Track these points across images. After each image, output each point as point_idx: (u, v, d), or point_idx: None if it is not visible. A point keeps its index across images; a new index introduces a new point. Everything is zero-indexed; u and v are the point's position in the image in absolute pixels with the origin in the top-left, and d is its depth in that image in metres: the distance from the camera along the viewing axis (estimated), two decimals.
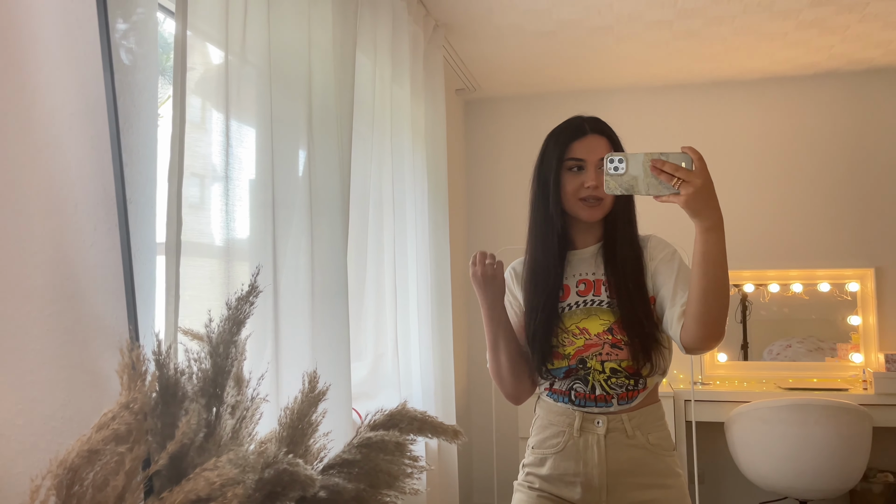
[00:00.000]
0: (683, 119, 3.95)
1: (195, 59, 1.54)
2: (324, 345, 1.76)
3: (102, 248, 0.89)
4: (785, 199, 3.82)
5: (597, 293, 1.52)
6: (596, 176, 1.47)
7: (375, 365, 2.42)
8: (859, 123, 3.76)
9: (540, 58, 3.50)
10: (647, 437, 1.49)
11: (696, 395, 3.38)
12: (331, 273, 1.83)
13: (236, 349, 1.03)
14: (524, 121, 4.14)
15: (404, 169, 2.63)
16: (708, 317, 1.34)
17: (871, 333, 3.68)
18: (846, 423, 3.01)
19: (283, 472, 0.85)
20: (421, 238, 2.74)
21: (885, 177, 3.72)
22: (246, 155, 1.62)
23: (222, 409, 1.00)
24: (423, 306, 2.71)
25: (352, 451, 1.00)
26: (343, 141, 1.92)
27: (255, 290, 1.04)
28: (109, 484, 0.73)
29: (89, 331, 0.90)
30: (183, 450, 0.83)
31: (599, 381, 1.48)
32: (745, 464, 3.20)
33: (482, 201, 4.19)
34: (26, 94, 0.85)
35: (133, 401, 0.75)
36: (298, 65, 1.75)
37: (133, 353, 0.78)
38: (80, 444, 0.72)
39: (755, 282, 3.83)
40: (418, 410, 1.10)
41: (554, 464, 1.52)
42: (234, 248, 1.53)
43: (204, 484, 0.74)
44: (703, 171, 1.23)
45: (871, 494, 3.38)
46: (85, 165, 0.86)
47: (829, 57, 3.52)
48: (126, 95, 0.92)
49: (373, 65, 2.37)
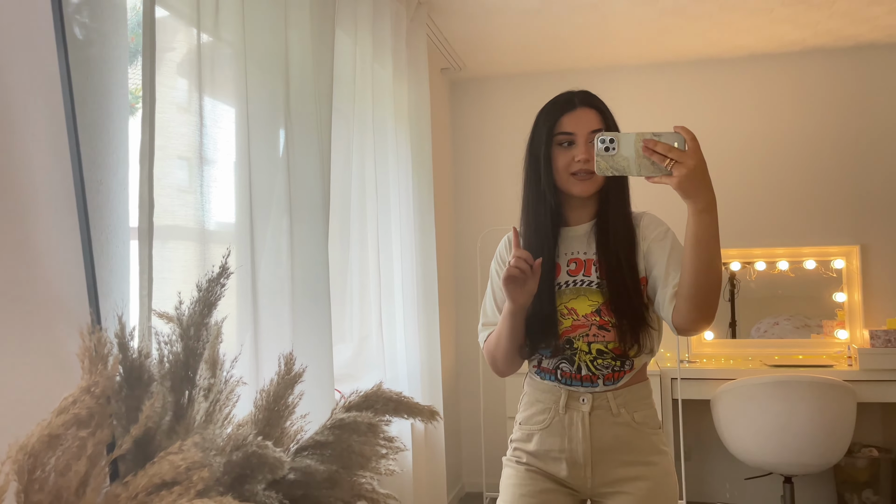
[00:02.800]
0: (671, 98, 3.93)
1: (177, 40, 1.51)
2: (305, 327, 1.75)
3: (63, 230, 0.87)
4: (771, 177, 3.81)
5: (587, 273, 1.50)
6: (586, 149, 1.45)
7: (360, 346, 2.42)
8: (845, 101, 3.75)
9: (526, 36, 3.47)
10: (633, 416, 1.49)
11: (682, 373, 3.39)
12: (312, 255, 1.81)
13: (208, 331, 1.01)
14: (511, 101, 4.11)
15: (387, 149, 2.61)
16: (699, 298, 1.33)
17: (856, 310, 3.70)
18: (831, 399, 3.04)
19: (251, 455, 0.84)
20: (406, 219, 2.72)
21: (870, 154, 3.71)
22: (223, 136, 1.60)
23: (195, 392, 0.99)
24: (409, 288, 2.70)
25: (324, 432, 0.99)
26: (322, 121, 1.90)
27: (226, 271, 1.02)
28: (72, 469, 0.72)
29: (52, 314, 0.89)
30: (149, 434, 0.82)
31: (585, 361, 1.48)
32: (730, 440, 3.22)
33: (468, 182, 4.17)
34: None
35: (94, 384, 0.73)
36: (274, 42, 1.72)
37: (94, 337, 0.76)
38: (40, 428, 0.71)
39: (742, 260, 3.84)
40: (394, 391, 1.10)
41: (540, 440, 1.53)
42: (212, 231, 1.52)
43: (168, 467, 0.73)
44: (697, 151, 1.21)
45: (856, 469, 3.42)
46: (41, 145, 0.84)
47: (816, 33, 3.50)
48: (85, 71, 0.90)
49: (353, 43, 2.34)
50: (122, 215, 1.17)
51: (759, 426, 3.10)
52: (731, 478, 3.76)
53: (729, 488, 3.78)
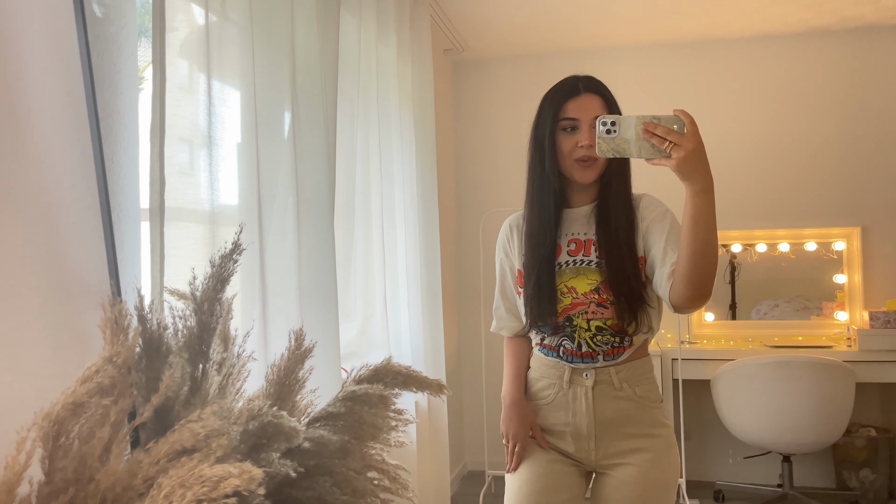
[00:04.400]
0: (673, 78, 3.93)
1: (179, 20, 1.52)
2: (312, 304, 1.78)
3: (83, 206, 0.89)
4: (772, 159, 3.82)
5: (586, 253, 1.54)
6: (590, 135, 1.47)
7: (365, 326, 2.44)
8: (848, 82, 3.75)
9: (529, 17, 3.46)
10: (635, 390, 1.53)
11: (683, 353, 3.42)
12: (317, 235, 1.83)
13: (221, 307, 1.03)
14: (513, 82, 4.11)
15: (391, 130, 2.62)
16: (696, 277, 1.36)
17: (856, 292, 3.72)
18: (829, 379, 3.07)
19: (267, 424, 0.87)
20: (410, 200, 2.74)
21: (872, 136, 3.72)
22: (230, 116, 1.61)
23: (208, 365, 1.01)
24: (413, 267, 2.72)
25: (336, 404, 1.02)
26: (328, 102, 1.91)
27: (239, 247, 1.05)
28: (95, 436, 0.75)
29: (72, 287, 0.91)
30: (168, 403, 0.84)
31: (585, 338, 1.52)
32: (730, 420, 3.26)
33: (471, 162, 4.18)
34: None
35: (116, 354, 0.76)
36: (281, 23, 1.73)
37: (115, 308, 0.79)
38: (64, 397, 0.73)
39: (743, 241, 3.86)
40: (403, 365, 1.12)
41: (545, 414, 1.58)
42: (221, 211, 1.53)
43: (189, 435, 0.76)
44: (695, 134, 1.23)
45: (854, 448, 3.46)
46: (61, 121, 0.85)
47: (819, 14, 3.49)
48: (101, 50, 0.91)
49: (357, 23, 2.34)
50: (133, 194, 1.18)
51: (758, 406, 3.14)
52: (730, 456, 3.81)
53: (731, 464, 3.82)
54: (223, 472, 0.70)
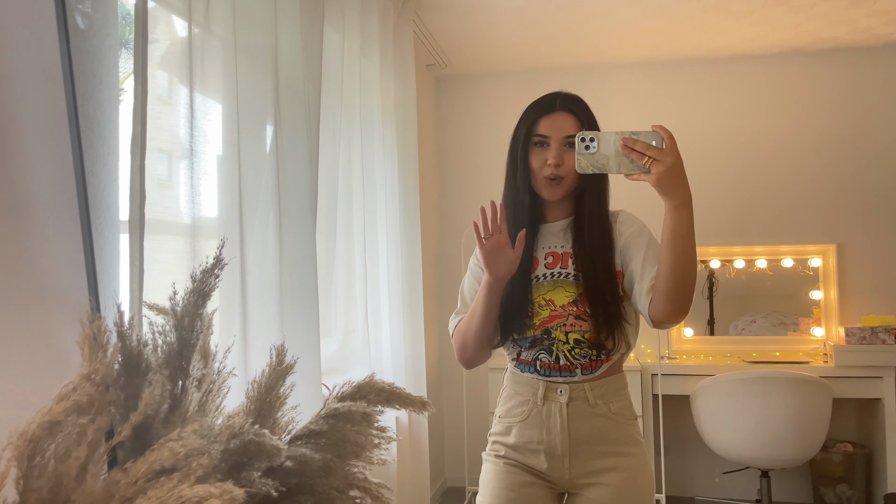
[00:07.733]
0: (653, 97, 3.98)
1: (160, 31, 1.51)
2: (292, 319, 1.76)
3: (61, 220, 0.87)
4: (750, 176, 3.87)
5: (564, 266, 1.54)
6: (558, 154, 1.48)
7: (346, 341, 2.43)
8: (823, 103, 3.82)
9: (511, 34, 3.49)
10: (609, 406, 1.53)
11: (662, 368, 3.44)
12: (299, 250, 1.82)
13: (202, 322, 1.02)
14: (495, 97, 4.13)
15: (374, 145, 2.62)
16: (675, 292, 1.37)
17: (832, 308, 3.77)
18: (806, 395, 3.10)
19: (249, 443, 0.85)
20: (391, 214, 2.73)
21: (847, 155, 3.79)
22: (212, 129, 1.60)
23: (188, 382, 0.99)
24: (394, 283, 2.71)
25: (319, 421, 1.01)
26: (311, 116, 1.90)
27: (220, 262, 1.03)
28: (72, 455, 0.73)
29: (50, 302, 0.89)
30: (147, 422, 0.83)
31: (563, 351, 1.51)
32: (709, 435, 3.28)
33: (453, 177, 4.19)
34: None
35: (94, 372, 0.74)
36: (264, 37, 1.73)
37: (94, 325, 0.77)
38: (40, 415, 0.71)
39: (721, 257, 3.90)
40: (386, 382, 1.11)
41: (519, 432, 1.55)
42: (201, 225, 1.52)
43: (168, 454, 0.74)
44: (674, 149, 1.25)
45: (831, 464, 3.49)
46: (41, 133, 0.84)
47: (796, 35, 3.56)
48: (83, 62, 0.90)
49: (341, 38, 2.34)
50: (113, 207, 1.17)
51: (737, 421, 3.16)
52: (709, 471, 3.82)
53: (714, 480, 3.83)
54: (204, 493, 0.69)
